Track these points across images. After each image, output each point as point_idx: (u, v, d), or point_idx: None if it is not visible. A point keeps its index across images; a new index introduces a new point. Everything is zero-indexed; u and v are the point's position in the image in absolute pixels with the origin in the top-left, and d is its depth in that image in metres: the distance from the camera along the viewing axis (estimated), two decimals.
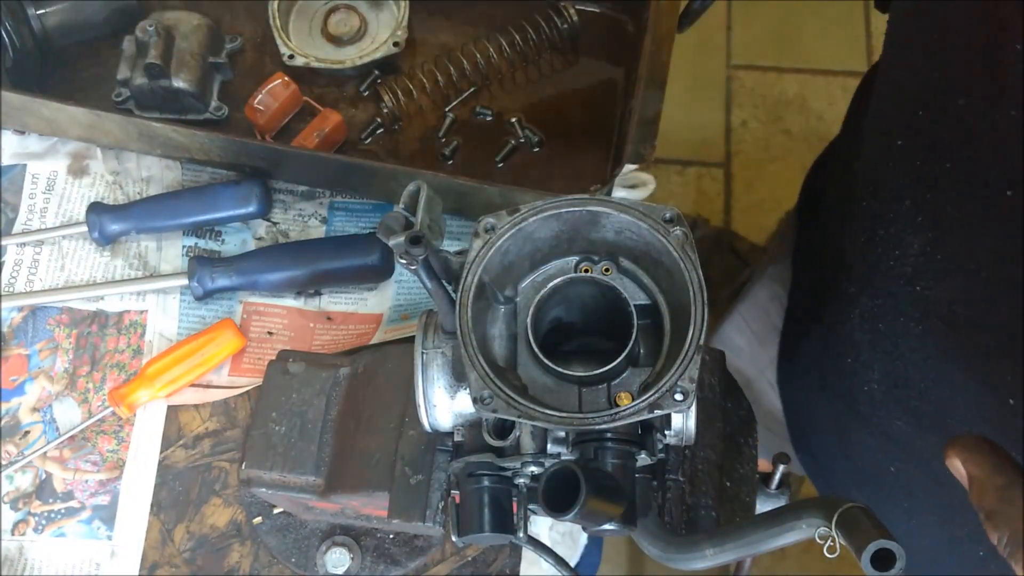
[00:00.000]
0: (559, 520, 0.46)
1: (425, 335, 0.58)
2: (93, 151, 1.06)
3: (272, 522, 0.91)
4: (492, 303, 0.55)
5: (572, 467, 0.45)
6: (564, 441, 0.54)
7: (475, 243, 0.52)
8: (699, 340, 0.49)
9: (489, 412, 0.49)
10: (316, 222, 1.04)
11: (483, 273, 0.52)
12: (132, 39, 1.02)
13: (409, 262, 0.49)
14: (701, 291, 0.49)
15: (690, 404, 0.48)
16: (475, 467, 0.58)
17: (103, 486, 0.94)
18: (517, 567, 0.91)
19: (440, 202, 0.53)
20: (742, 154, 2.26)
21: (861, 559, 0.44)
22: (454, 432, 0.60)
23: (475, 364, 0.50)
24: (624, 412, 0.48)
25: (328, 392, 0.76)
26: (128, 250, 1.02)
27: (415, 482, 0.67)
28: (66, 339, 0.99)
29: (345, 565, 0.89)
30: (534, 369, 0.53)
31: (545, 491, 0.46)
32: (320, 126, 1.02)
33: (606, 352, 0.53)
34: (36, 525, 0.93)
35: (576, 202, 0.52)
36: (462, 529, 0.59)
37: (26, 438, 0.96)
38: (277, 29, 1.08)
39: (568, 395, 0.53)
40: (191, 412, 0.97)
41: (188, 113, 1.05)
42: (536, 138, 1.06)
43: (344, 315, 1.00)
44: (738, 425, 0.71)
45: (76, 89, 1.08)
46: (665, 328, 0.54)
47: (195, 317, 1.00)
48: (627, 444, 0.53)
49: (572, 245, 0.55)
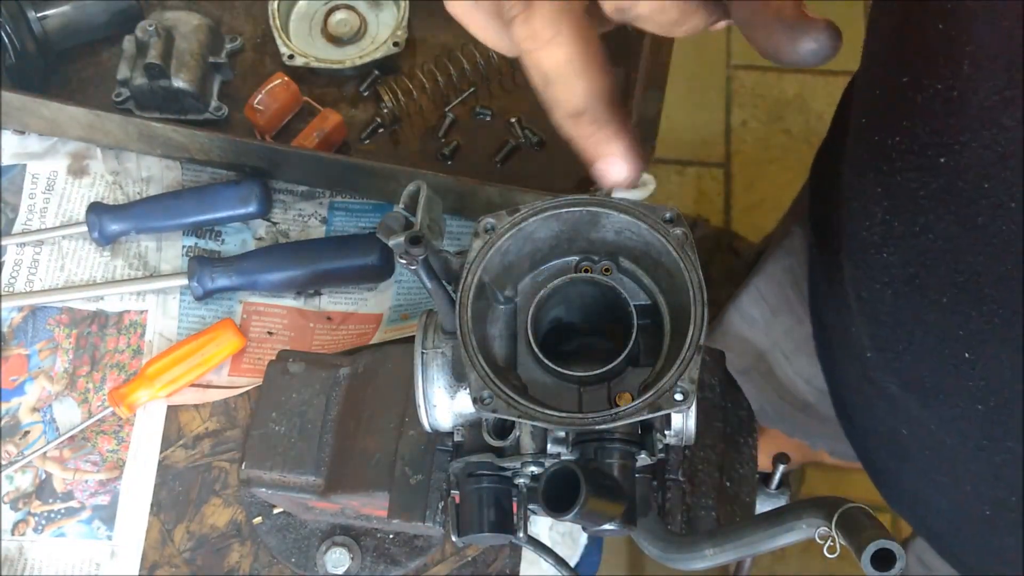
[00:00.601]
0: (559, 520, 0.46)
1: (425, 335, 0.58)
2: (93, 151, 1.06)
3: (272, 522, 0.91)
4: (492, 303, 0.55)
5: (572, 467, 0.45)
6: (564, 441, 0.54)
7: (475, 243, 0.52)
8: (699, 340, 0.49)
9: (489, 412, 0.49)
10: (316, 222, 1.04)
11: (483, 273, 0.52)
12: (132, 39, 1.02)
13: (409, 262, 0.49)
14: (701, 291, 0.49)
15: (690, 404, 0.48)
16: (475, 467, 0.58)
17: (103, 486, 0.94)
18: (517, 567, 0.91)
19: (440, 202, 0.53)
20: (742, 154, 2.26)
21: (861, 559, 0.44)
22: (454, 432, 0.60)
23: (475, 364, 0.50)
24: (624, 412, 0.48)
25: (328, 392, 0.76)
26: (128, 250, 1.02)
27: (415, 482, 0.67)
28: (66, 339, 0.99)
29: (345, 565, 0.89)
30: (534, 369, 0.53)
31: (545, 491, 0.46)
32: (320, 126, 1.02)
33: (606, 352, 0.53)
34: (36, 525, 0.93)
35: (576, 202, 0.52)
36: (462, 529, 0.59)
37: (26, 438, 0.96)
38: (277, 29, 1.08)
39: (568, 395, 0.53)
40: (191, 412, 0.97)
41: (188, 113, 1.05)
42: (536, 138, 1.06)
43: (344, 315, 1.00)
44: (738, 425, 0.71)
45: (76, 89, 1.08)
46: (665, 328, 0.54)
47: (195, 317, 1.00)
48: (627, 444, 0.53)
49: (572, 245, 0.55)
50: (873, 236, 0.64)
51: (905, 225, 0.60)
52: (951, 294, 0.58)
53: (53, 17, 1.05)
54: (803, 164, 1.11)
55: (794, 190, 1.14)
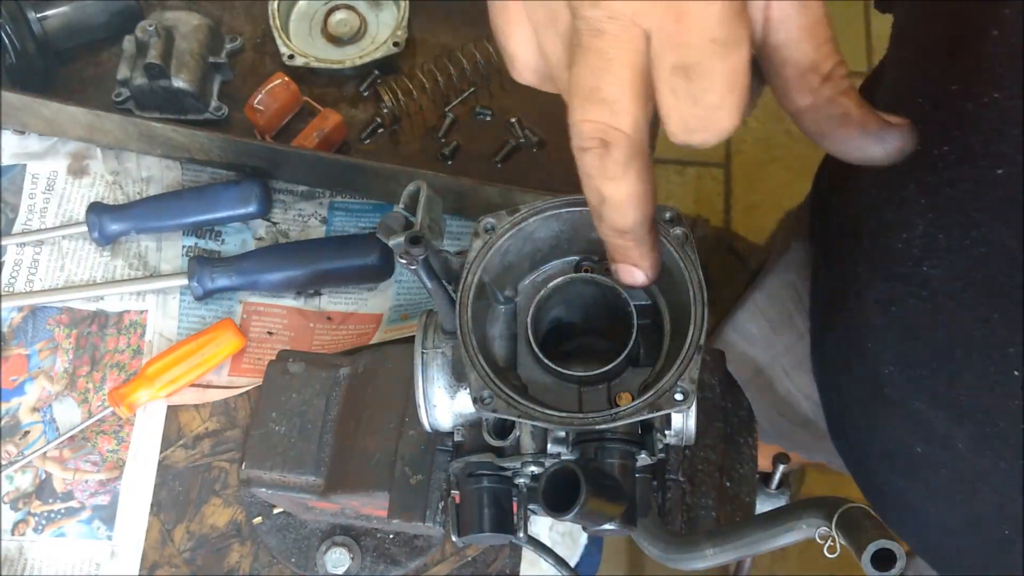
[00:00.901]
0: (559, 520, 0.46)
1: (425, 335, 0.58)
2: (93, 151, 1.06)
3: (272, 522, 0.91)
4: (492, 303, 0.55)
5: (572, 467, 0.45)
6: (564, 441, 0.54)
7: (475, 243, 0.52)
8: (699, 340, 0.49)
9: (489, 412, 0.49)
10: (316, 222, 1.04)
11: (483, 273, 0.52)
12: (132, 39, 1.02)
13: (409, 262, 0.49)
14: (701, 291, 0.49)
15: (690, 404, 0.48)
16: (475, 467, 0.58)
17: (103, 486, 0.94)
18: (517, 567, 0.91)
19: (440, 202, 0.53)
20: (742, 154, 2.26)
21: (861, 559, 0.44)
22: (454, 432, 0.60)
23: (475, 364, 0.50)
24: (624, 412, 0.48)
25: (328, 392, 0.76)
26: (128, 250, 1.02)
27: (415, 482, 0.67)
28: (66, 339, 0.99)
29: (345, 565, 0.89)
30: (534, 369, 0.53)
31: (545, 491, 0.46)
32: (320, 126, 1.02)
33: (606, 352, 0.53)
34: (36, 525, 0.93)
35: (576, 202, 0.52)
36: (462, 529, 0.59)
37: (26, 438, 0.96)
38: (277, 29, 1.08)
39: (568, 395, 0.52)
40: (191, 412, 0.97)
41: (188, 113, 1.05)
42: (536, 138, 1.06)
43: (344, 315, 1.00)
44: (738, 425, 0.71)
45: (76, 89, 1.08)
46: (665, 328, 0.54)
47: (195, 317, 1.00)
48: (627, 444, 0.53)
49: (572, 245, 0.55)
50: (912, 249, 0.63)
51: (953, 238, 0.59)
52: (1003, 310, 0.57)
53: (53, 18, 1.05)
54: (803, 164, 1.10)
55: (794, 190, 1.14)
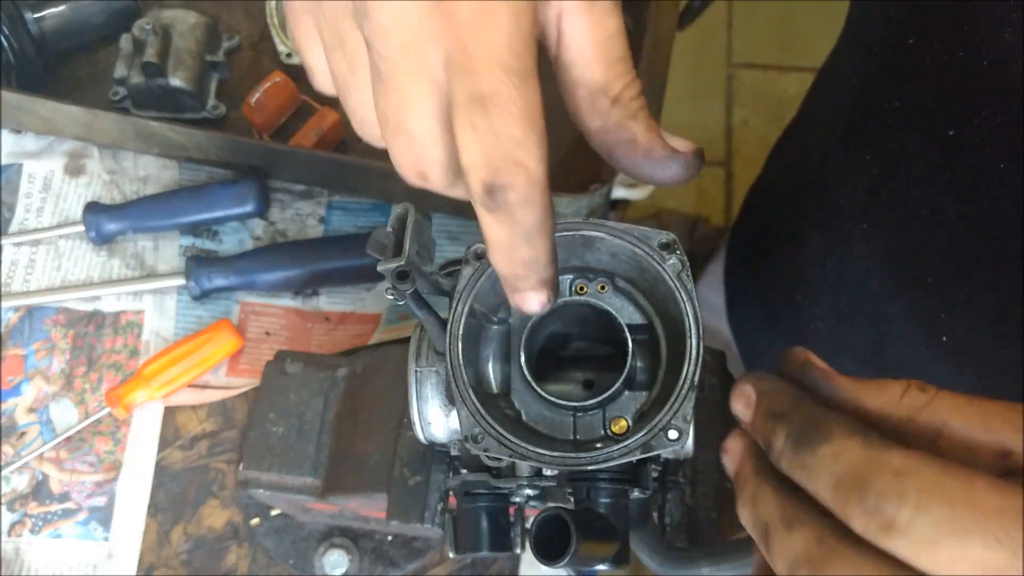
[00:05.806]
0: (552, 568, 0.45)
1: (419, 353, 0.57)
2: (90, 150, 1.05)
3: (270, 523, 0.91)
4: (485, 324, 0.55)
5: (562, 515, 0.45)
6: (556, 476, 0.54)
7: (465, 270, 0.51)
8: (693, 379, 0.48)
9: (480, 451, 0.48)
10: (314, 221, 1.03)
11: (474, 301, 0.51)
12: (129, 37, 1.02)
13: (397, 297, 0.48)
14: (697, 325, 0.48)
15: (684, 443, 0.47)
16: (472, 486, 0.58)
17: (100, 487, 0.94)
18: (516, 568, 0.90)
19: (429, 224, 0.51)
20: (743, 153, 2.26)
21: None
22: (451, 446, 0.60)
23: (466, 401, 0.49)
24: (616, 452, 0.48)
25: (326, 393, 0.75)
26: (125, 250, 1.02)
27: (413, 483, 0.66)
28: (63, 339, 0.99)
29: (343, 567, 0.89)
30: (528, 395, 0.52)
31: (536, 539, 0.46)
32: (318, 125, 1.02)
33: (604, 358, 0.52)
34: (33, 526, 0.92)
35: (569, 226, 0.51)
36: (460, 546, 0.59)
37: (22, 439, 0.95)
38: (275, 27, 1.07)
39: (563, 420, 0.52)
40: (188, 413, 0.96)
41: (185, 112, 1.04)
42: None
43: (342, 315, 1.00)
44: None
45: (73, 88, 1.07)
46: (661, 350, 0.53)
47: (192, 317, 0.99)
48: (619, 483, 0.52)
49: (566, 264, 0.54)
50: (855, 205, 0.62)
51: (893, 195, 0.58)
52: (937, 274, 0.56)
53: (50, 18, 1.05)
54: None
55: None
